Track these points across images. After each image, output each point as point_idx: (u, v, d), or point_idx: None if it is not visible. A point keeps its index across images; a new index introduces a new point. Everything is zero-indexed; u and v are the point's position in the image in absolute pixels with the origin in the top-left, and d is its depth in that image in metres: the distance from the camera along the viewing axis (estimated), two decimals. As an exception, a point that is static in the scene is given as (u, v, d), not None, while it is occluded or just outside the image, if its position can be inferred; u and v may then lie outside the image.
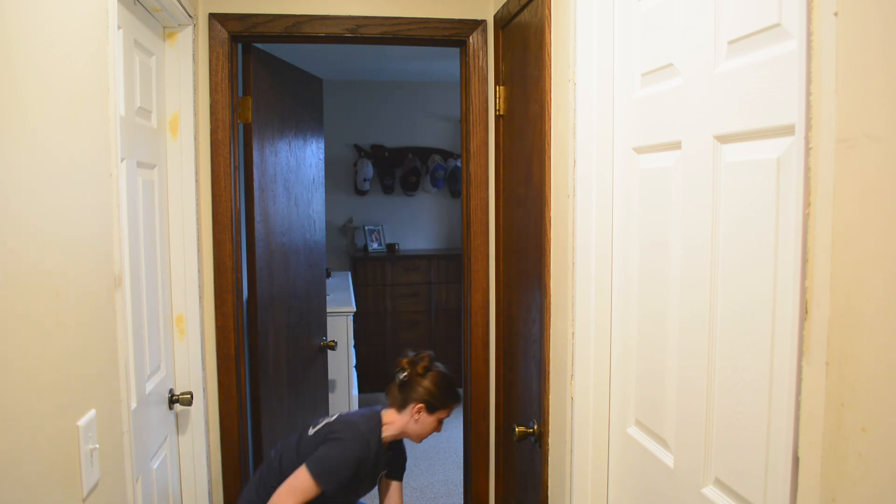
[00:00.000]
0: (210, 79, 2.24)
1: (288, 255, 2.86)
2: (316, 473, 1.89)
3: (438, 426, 2.10)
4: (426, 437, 2.12)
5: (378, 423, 2.05)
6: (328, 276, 4.47)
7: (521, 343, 2.07)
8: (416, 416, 2.06)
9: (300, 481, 1.90)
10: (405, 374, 2.08)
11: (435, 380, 2.08)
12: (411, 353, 2.14)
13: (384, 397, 2.17)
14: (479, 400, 2.53)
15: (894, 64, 0.63)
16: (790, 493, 0.80)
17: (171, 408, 2.06)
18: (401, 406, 2.08)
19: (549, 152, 1.66)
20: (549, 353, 1.70)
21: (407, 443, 2.22)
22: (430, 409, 2.06)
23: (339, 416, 2.07)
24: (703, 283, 1.09)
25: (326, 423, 2.04)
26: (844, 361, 0.70)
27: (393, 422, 2.07)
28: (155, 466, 1.87)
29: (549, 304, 1.69)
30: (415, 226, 5.59)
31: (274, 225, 2.71)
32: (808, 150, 0.74)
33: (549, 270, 1.69)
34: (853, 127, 0.68)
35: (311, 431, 2.04)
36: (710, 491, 1.09)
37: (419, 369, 2.08)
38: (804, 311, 0.75)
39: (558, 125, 1.60)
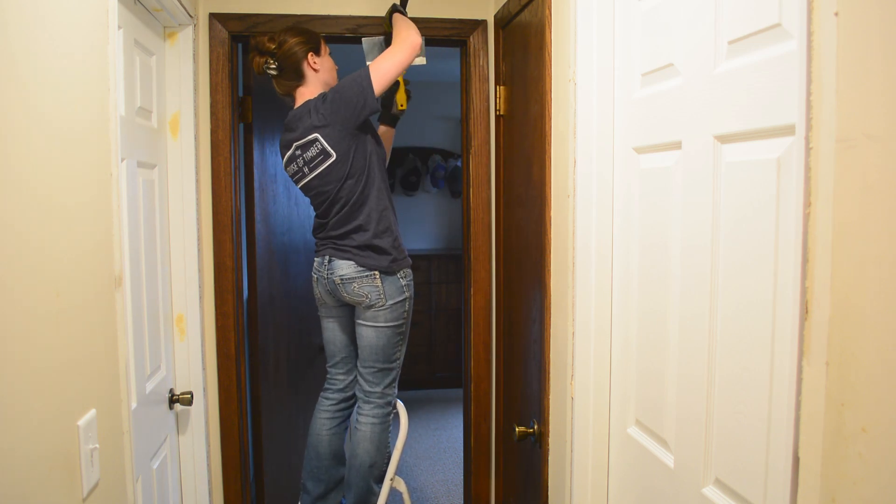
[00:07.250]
0: (210, 79, 2.24)
1: (288, 255, 2.86)
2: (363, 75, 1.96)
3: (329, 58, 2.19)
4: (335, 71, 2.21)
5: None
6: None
7: (521, 343, 2.06)
8: (317, 67, 2.11)
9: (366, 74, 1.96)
10: (272, 62, 2.08)
11: (292, 36, 2.09)
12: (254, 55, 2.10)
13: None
14: (481, 401, 2.52)
15: (894, 64, 0.63)
16: (790, 493, 0.80)
17: (171, 408, 2.06)
18: (300, 78, 2.12)
19: (550, 152, 1.66)
20: (549, 353, 1.70)
21: (408, 442, 2.21)
22: (316, 51, 2.12)
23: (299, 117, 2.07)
24: (704, 282, 1.09)
25: (306, 130, 2.03)
26: (845, 361, 0.70)
27: (312, 90, 2.11)
28: (155, 466, 1.87)
29: (550, 303, 1.69)
30: (415, 226, 5.59)
31: (274, 225, 2.71)
32: (808, 149, 0.74)
33: (549, 270, 1.69)
34: (853, 127, 0.68)
35: (310, 170, 2.05)
36: (710, 491, 1.09)
37: (273, 46, 2.07)
38: (804, 311, 0.75)
39: (558, 125, 1.60)
